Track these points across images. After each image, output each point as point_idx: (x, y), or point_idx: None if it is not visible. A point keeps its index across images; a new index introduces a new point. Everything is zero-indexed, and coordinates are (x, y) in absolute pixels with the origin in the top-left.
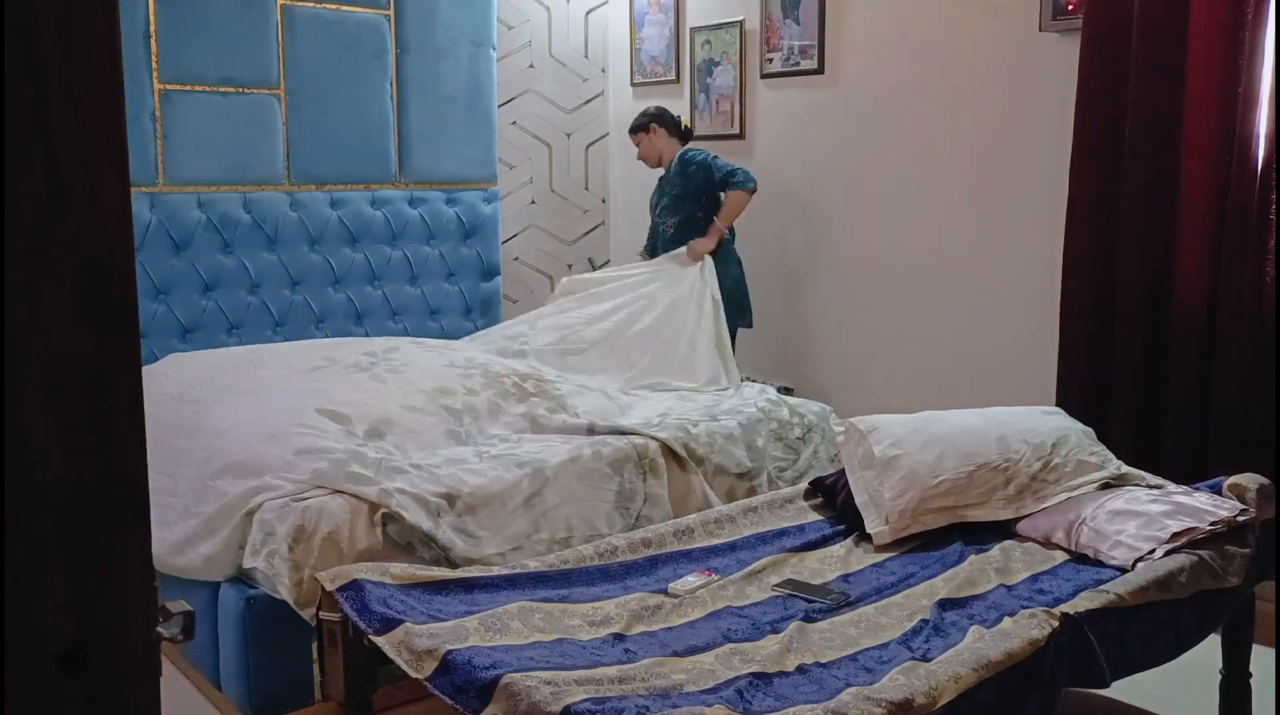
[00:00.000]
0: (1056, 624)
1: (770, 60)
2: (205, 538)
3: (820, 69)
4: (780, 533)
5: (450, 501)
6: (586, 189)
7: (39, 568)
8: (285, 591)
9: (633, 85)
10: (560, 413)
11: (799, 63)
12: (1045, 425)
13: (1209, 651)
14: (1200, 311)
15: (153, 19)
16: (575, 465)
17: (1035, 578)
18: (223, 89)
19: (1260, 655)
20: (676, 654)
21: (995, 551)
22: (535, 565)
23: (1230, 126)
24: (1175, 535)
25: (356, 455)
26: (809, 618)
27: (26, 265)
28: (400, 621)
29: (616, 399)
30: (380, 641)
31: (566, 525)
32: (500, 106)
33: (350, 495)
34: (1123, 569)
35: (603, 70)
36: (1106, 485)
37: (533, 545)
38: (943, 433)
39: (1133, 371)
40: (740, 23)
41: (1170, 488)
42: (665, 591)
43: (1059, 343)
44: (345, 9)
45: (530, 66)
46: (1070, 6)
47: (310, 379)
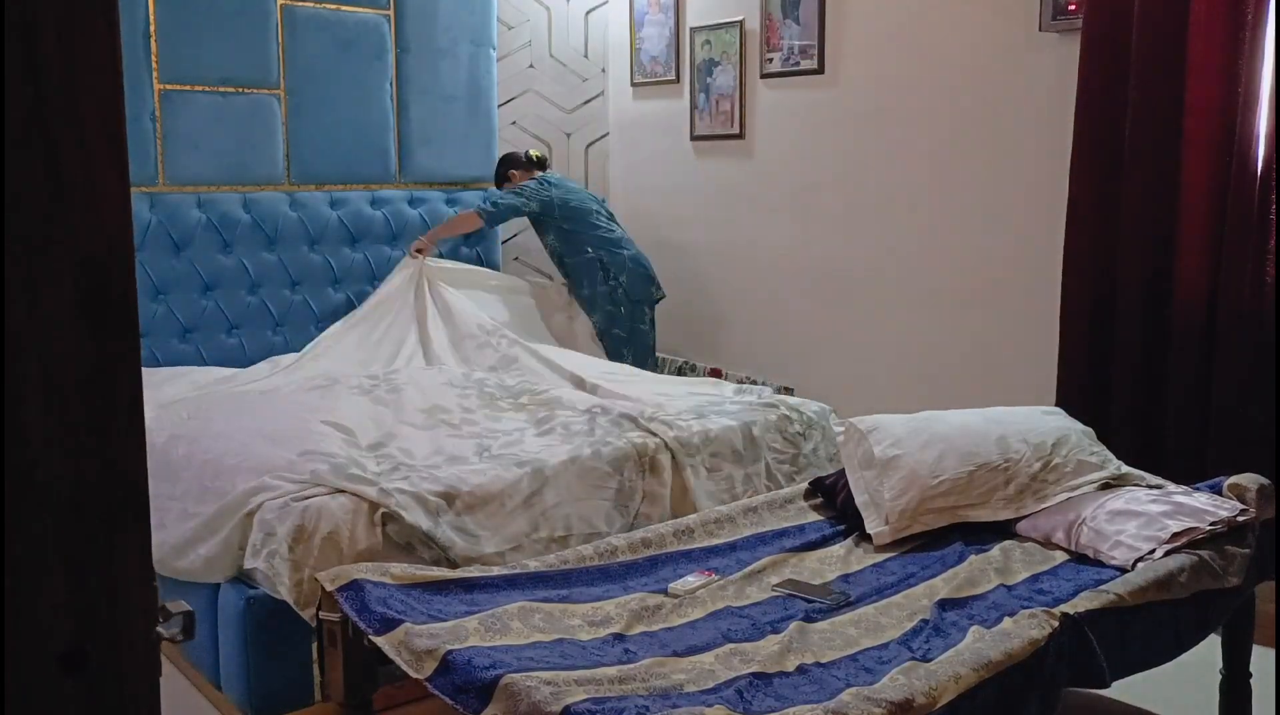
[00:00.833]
0: (1056, 624)
1: (770, 60)
2: (205, 539)
3: (820, 69)
4: (780, 533)
5: (449, 501)
6: (586, 189)
7: (39, 568)
8: (285, 592)
9: (633, 85)
10: (560, 409)
11: (799, 63)
12: (1045, 425)
13: (1209, 651)
14: (1200, 311)
15: (153, 19)
16: (575, 465)
17: (1035, 578)
18: (223, 89)
19: (1260, 655)
20: (676, 654)
21: (995, 551)
22: (535, 565)
23: (1230, 126)
24: (1175, 535)
25: (357, 461)
26: (809, 618)
27: (26, 265)
28: (400, 621)
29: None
30: (380, 641)
31: (565, 524)
32: (500, 106)
33: (350, 494)
34: (1123, 569)
35: (603, 70)
36: (1106, 485)
37: (531, 544)
38: (943, 433)
39: (1133, 371)
40: (740, 23)
41: (1170, 488)
42: (665, 591)
43: (1059, 343)
44: (345, 9)
45: (530, 66)
46: (1070, 6)
47: (314, 396)
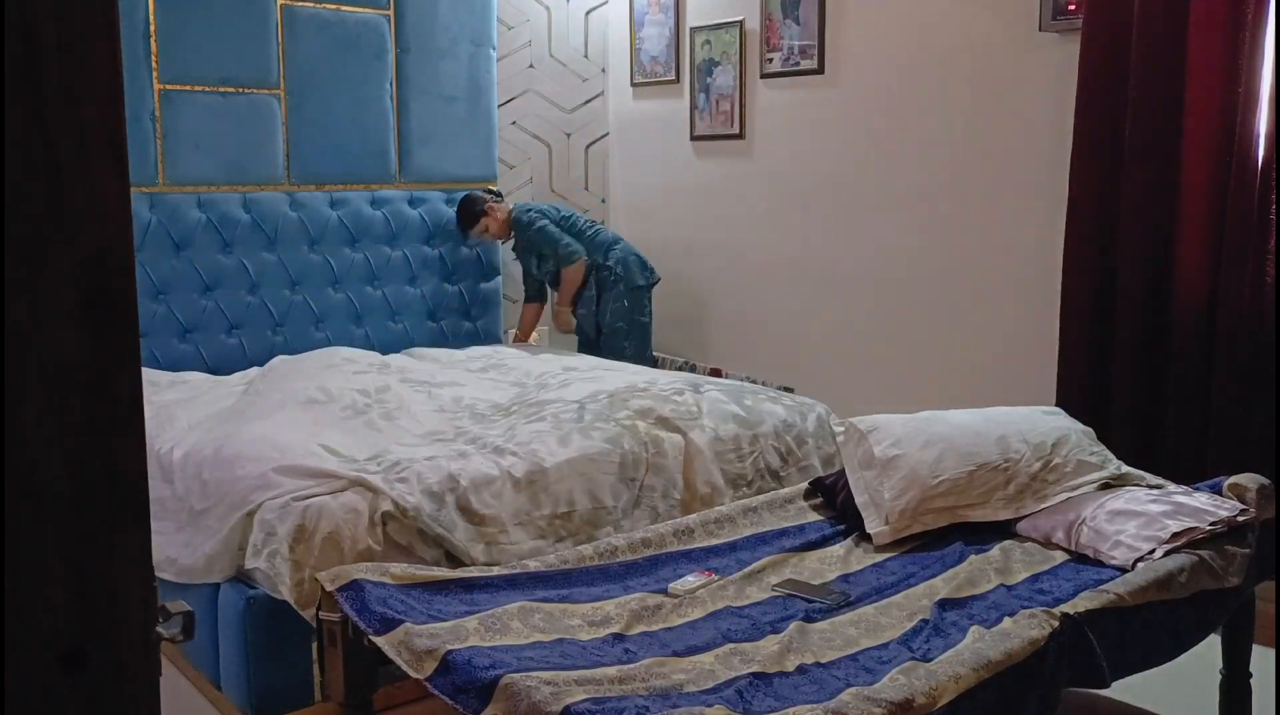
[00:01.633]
0: (1056, 624)
1: (770, 60)
2: (205, 539)
3: (820, 69)
4: (780, 533)
5: (452, 485)
6: (586, 189)
7: (39, 568)
8: (286, 591)
9: (633, 85)
10: (548, 407)
11: (799, 63)
12: (1045, 425)
13: (1209, 651)
14: (1200, 311)
15: (152, 19)
16: (571, 445)
17: (1035, 578)
18: (222, 89)
19: (1260, 655)
20: (676, 654)
21: (995, 551)
22: (535, 565)
23: (1230, 126)
24: (1175, 535)
25: (358, 466)
26: (809, 618)
27: (26, 266)
28: (400, 621)
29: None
30: (380, 641)
31: (569, 500)
32: (500, 106)
33: (353, 491)
34: (1123, 569)
35: (603, 70)
36: (1106, 485)
37: (535, 522)
38: (943, 433)
39: (1133, 371)
40: (740, 23)
41: (1170, 488)
42: (665, 591)
43: (1059, 342)
44: (345, 9)
45: (530, 66)
46: (1070, 6)
47: (310, 413)
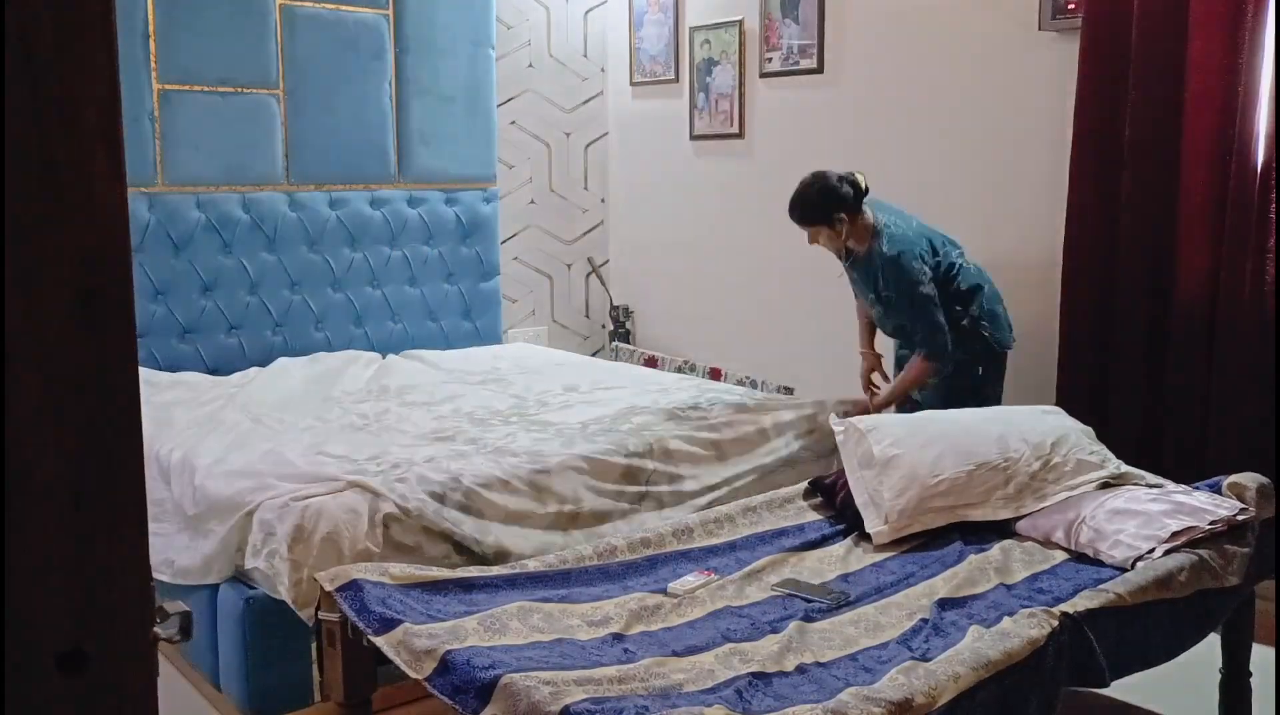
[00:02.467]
0: (1056, 623)
1: (769, 59)
2: (203, 540)
3: (819, 68)
4: (779, 532)
5: (454, 484)
6: (586, 188)
7: (36, 568)
8: (284, 591)
9: (632, 85)
10: (551, 427)
11: (798, 62)
12: (1045, 424)
13: (1209, 650)
14: (1200, 310)
15: (151, 19)
16: (574, 448)
17: (1035, 577)
18: (221, 89)
19: (1260, 654)
20: (676, 654)
21: (995, 551)
22: (534, 565)
23: (1230, 126)
24: (1175, 534)
25: (358, 467)
26: (808, 617)
27: (24, 266)
28: (399, 621)
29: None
30: (379, 641)
31: (575, 498)
32: (499, 106)
33: (353, 491)
34: (1122, 568)
35: (602, 70)
36: (1106, 484)
37: (540, 518)
38: (942, 432)
39: (1133, 370)
40: (739, 22)
41: (1170, 487)
42: (665, 591)
43: (1059, 342)
44: (344, 9)
45: (529, 66)
46: (1070, 5)
47: (307, 436)
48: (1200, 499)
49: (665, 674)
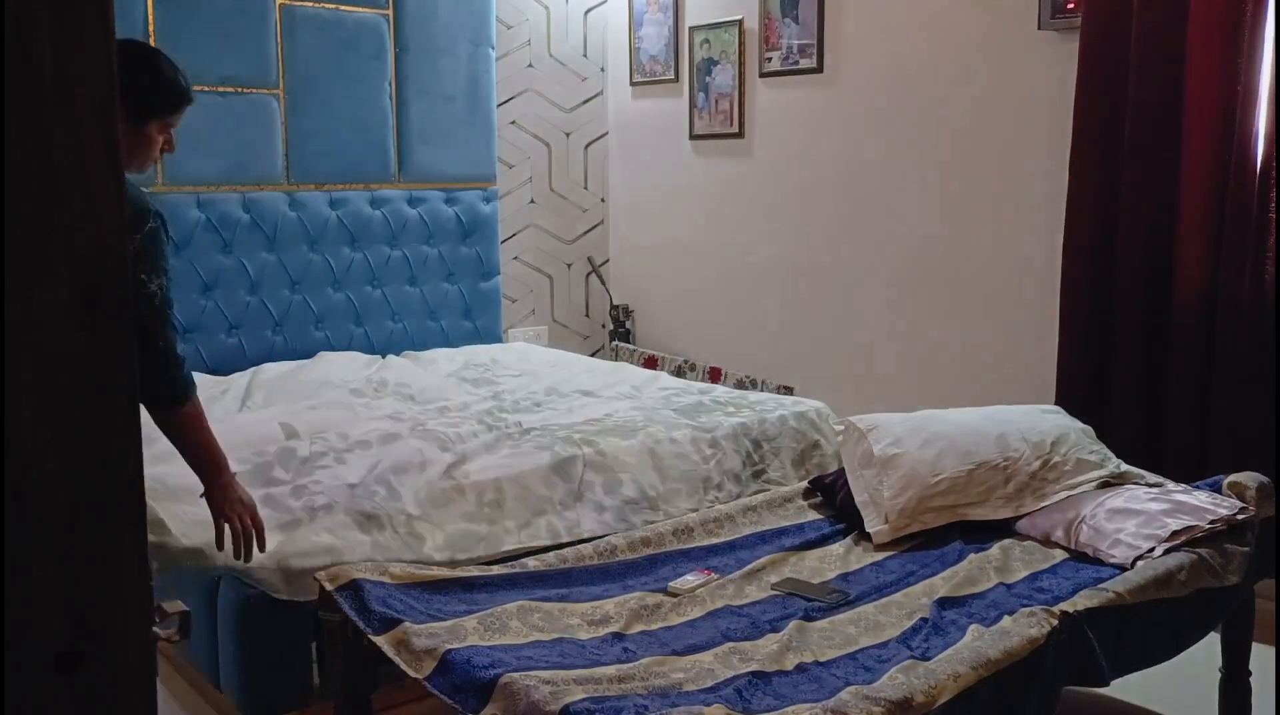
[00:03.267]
0: (1056, 622)
1: (769, 59)
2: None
3: (819, 68)
4: (779, 532)
5: (372, 467)
6: (586, 188)
7: (35, 568)
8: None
9: (632, 84)
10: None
11: (798, 61)
12: (1045, 424)
13: (1209, 650)
14: (1200, 310)
15: (151, 19)
16: (494, 432)
17: (1035, 576)
18: (222, 89)
19: (1260, 653)
20: (676, 653)
21: (995, 550)
22: (535, 564)
23: (1230, 125)
24: (1175, 533)
25: (286, 454)
26: (808, 616)
27: (22, 266)
28: (399, 621)
29: (572, 408)
30: (379, 641)
31: (495, 485)
32: (499, 106)
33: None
34: (1122, 567)
35: (602, 69)
36: (1106, 483)
37: (450, 496)
38: (942, 431)
39: (1132, 369)
40: (739, 22)
41: (1170, 486)
42: (665, 590)
43: (1058, 341)
44: (344, 9)
45: (529, 66)
46: (1069, 5)
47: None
48: (1200, 498)
49: (665, 673)
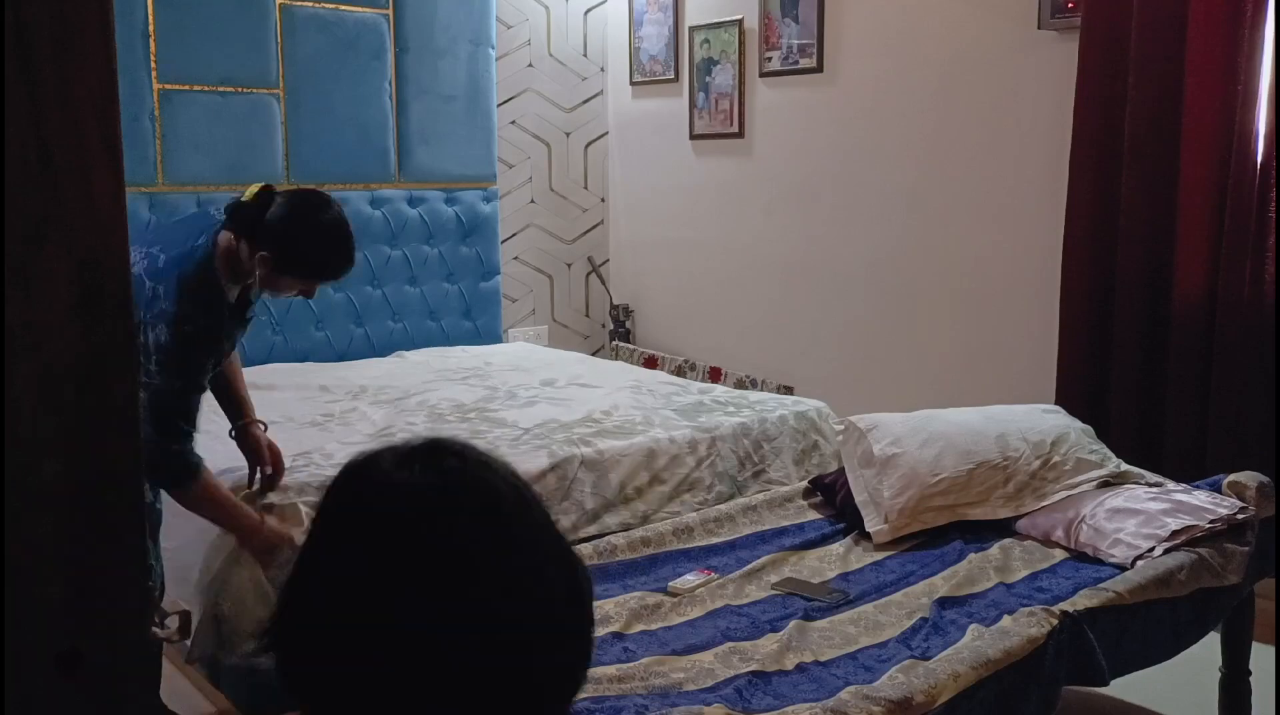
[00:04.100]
0: (1056, 622)
1: (769, 59)
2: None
3: (819, 67)
4: (780, 531)
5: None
6: (586, 188)
7: (35, 568)
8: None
9: (632, 84)
10: (499, 428)
11: (798, 61)
12: (1045, 423)
13: (1209, 649)
14: (1200, 310)
15: (151, 19)
16: (480, 412)
17: (1035, 576)
18: (222, 89)
19: (1260, 653)
20: (675, 653)
21: (995, 550)
22: None
23: (1230, 124)
24: (1175, 533)
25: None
26: (808, 616)
27: (22, 265)
28: None
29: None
30: None
31: None
32: (499, 105)
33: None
34: (1122, 567)
35: (602, 69)
36: (1106, 483)
37: None
38: (942, 431)
39: (1132, 369)
40: (739, 21)
41: (1170, 486)
42: (665, 590)
43: (1058, 341)
44: (344, 8)
45: (529, 65)
46: (1069, 4)
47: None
48: (1200, 498)
49: (665, 673)
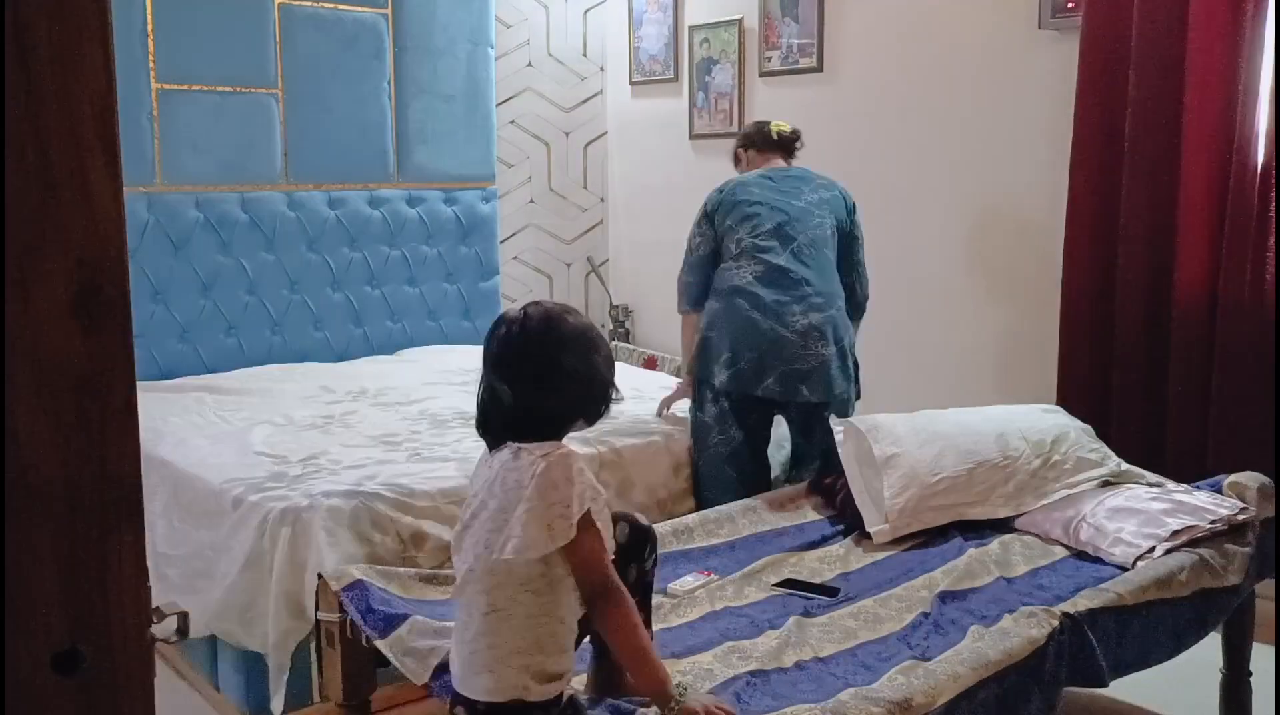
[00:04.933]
0: (1056, 623)
1: (769, 58)
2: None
3: (819, 67)
4: (779, 532)
5: (371, 477)
6: (585, 188)
7: (33, 568)
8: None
9: (631, 84)
10: None
11: (798, 61)
12: (1045, 423)
13: (1209, 650)
14: (1200, 310)
15: (150, 18)
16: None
17: (1035, 572)
18: (220, 88)
19: (1260, 653)
20: (675, 654)
21: (994, 545)
22: None
23: (1230, 125)
24: (1175, 533)
25: (277, 475)
26: (808, 613)
27: (20, 266)
28: (402, 621)
29: None
30: (381, 644)
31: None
32: (498, 105)
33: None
34: (1123, 566)
35: (601, 69)
36: (1106, 483)
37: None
38: (942, 431)
39: (1133, 369)
40: (739, 21)
41: (1170, 486)
42: (664, 591)
43: (1059, 341)
44: (343, 8)
45: (529, 65)
46: (1070, 4)
47: (264, 430)
48: (1201, 498)
49: None
